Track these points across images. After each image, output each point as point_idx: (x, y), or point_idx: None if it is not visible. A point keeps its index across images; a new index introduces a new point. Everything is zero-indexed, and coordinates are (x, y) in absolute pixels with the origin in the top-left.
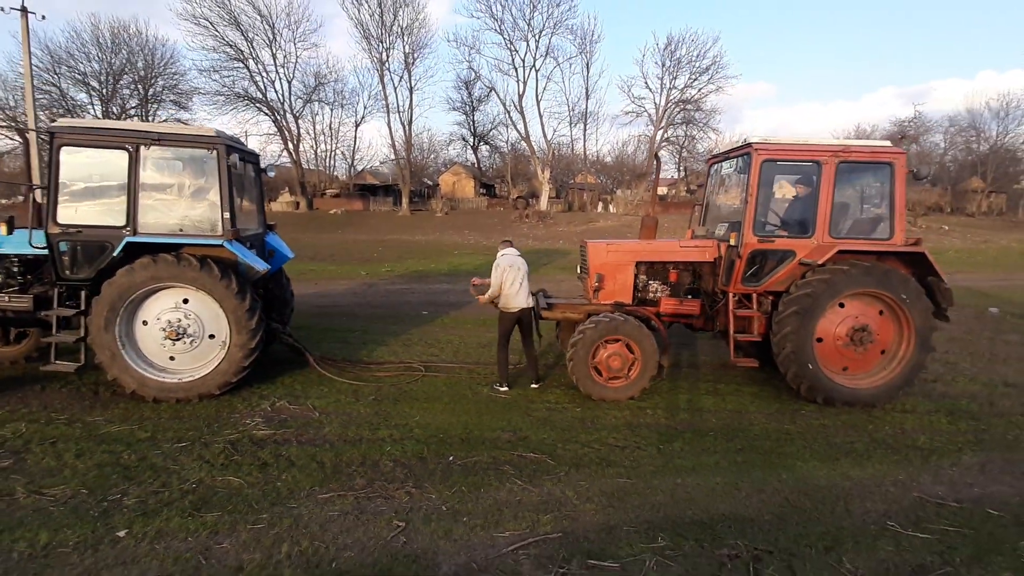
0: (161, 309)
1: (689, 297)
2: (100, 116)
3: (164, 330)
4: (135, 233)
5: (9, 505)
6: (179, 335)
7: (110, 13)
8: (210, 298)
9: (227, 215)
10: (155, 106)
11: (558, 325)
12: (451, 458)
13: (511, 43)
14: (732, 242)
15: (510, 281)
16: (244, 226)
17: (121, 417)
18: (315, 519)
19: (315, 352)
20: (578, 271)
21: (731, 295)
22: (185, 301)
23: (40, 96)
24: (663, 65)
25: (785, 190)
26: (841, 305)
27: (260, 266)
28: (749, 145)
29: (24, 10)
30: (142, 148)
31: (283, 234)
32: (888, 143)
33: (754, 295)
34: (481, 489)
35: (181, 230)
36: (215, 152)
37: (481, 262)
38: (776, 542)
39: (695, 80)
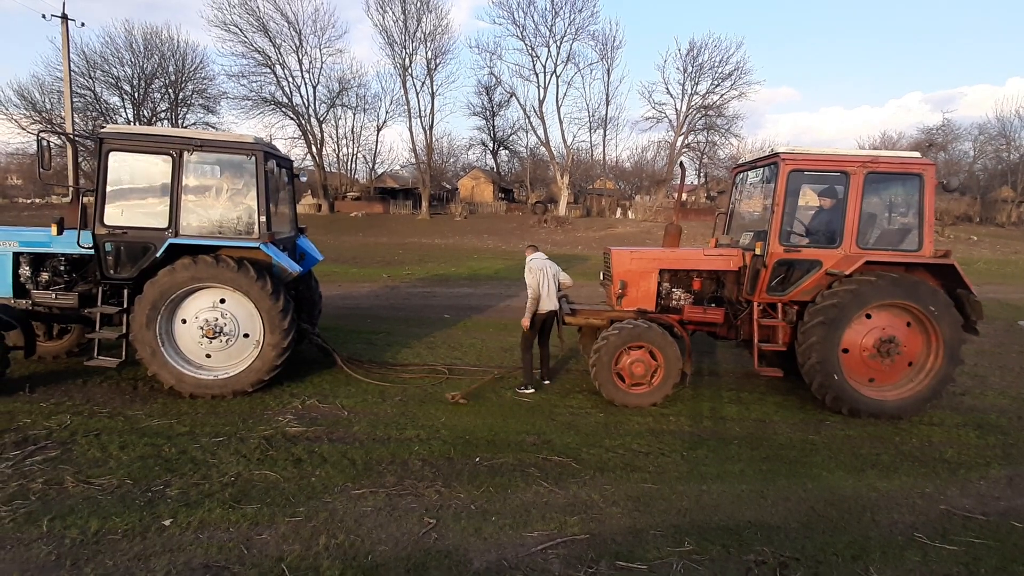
0: (199, 308)
1: (713, 305)
2: (131, 119)
3: (202, 328)
4: (177, 235)
5: (59, 493)
6: (216, 333)
7: (143, 19)
8: (246, 298)
9: (263, 219)
10: (184, 110)
11: (580, 330)
12: (477, 459)
13: (532, 49)
14: (758, 251)
15: (544, 284)
16: (278, 229)
17: (160, 412)
18: (350, 514)
19: (343, 353)
20: (601, 277)
21: (756, 304)
22: (222, 301)
23: (75, 100)
24: (685, 71)
25: (812, 200)
26: (868, 316)
27: (293, 268)
28: (776, 155)
29: (64, 17)
30: (185, 154)
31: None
32: (917, 154)
33: (779, 305)
34: (508, 490)
35: (220, 232)
36: (253, 158)
37: (501, 266)
38: (803, 550)
39: (717, 86)
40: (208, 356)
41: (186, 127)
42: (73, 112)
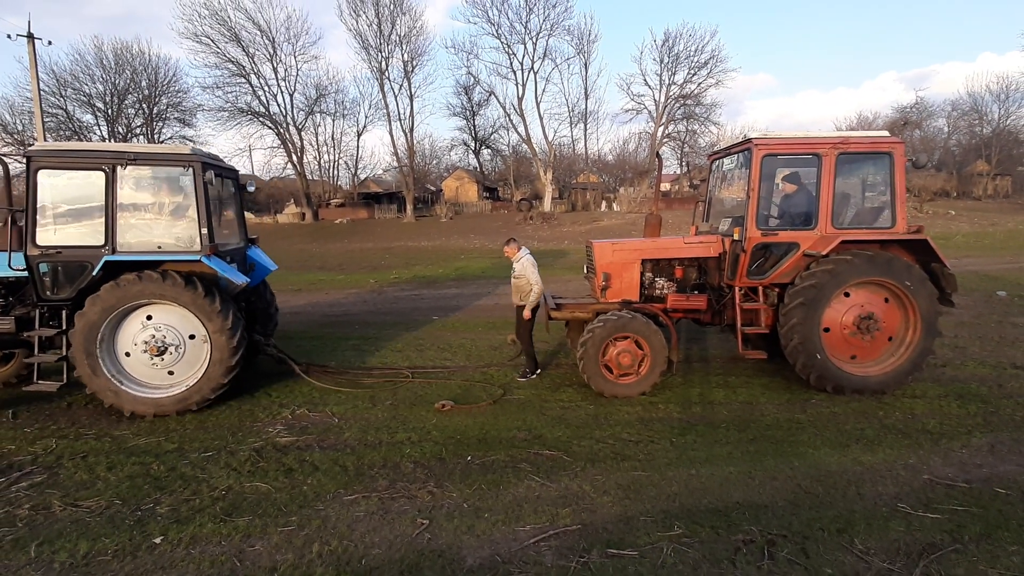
0: (134, 332)
1: (696, 292)
2: (106, 136)
3: (146, 344)
4: (114, 252)
5: (47, 518)
6: (161, 350)
7: (113, 34)
8: (191, 313)
9: (205, 231)
10: (160, 124)
11: (567, 325)
12: (469, 458)
13: (509, 47)
14: (736, 237)
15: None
16: (224, 241)
17: (148, 430)
18: (342, 520)
19: (302, 360)
20: (585, 271)
21: (737, 289)
22: (149, 318)
23: (47, 119)
24: (661, 61)
25: (788, 183)
26: (847, 294)
27: (239, 280)
28: (749, 141)
29: (31, 36)
30: (118, 168)
31: (290, 245)
32: (886, 133)
33: (760, 288)
34: (500, 486)
35: (160, 247)
36: (191, 169)
37: (487, 265)
38: (790, 526)
39: (694, 75)
40: (153, 374)
41: (162, 141)
42: (45, 132)
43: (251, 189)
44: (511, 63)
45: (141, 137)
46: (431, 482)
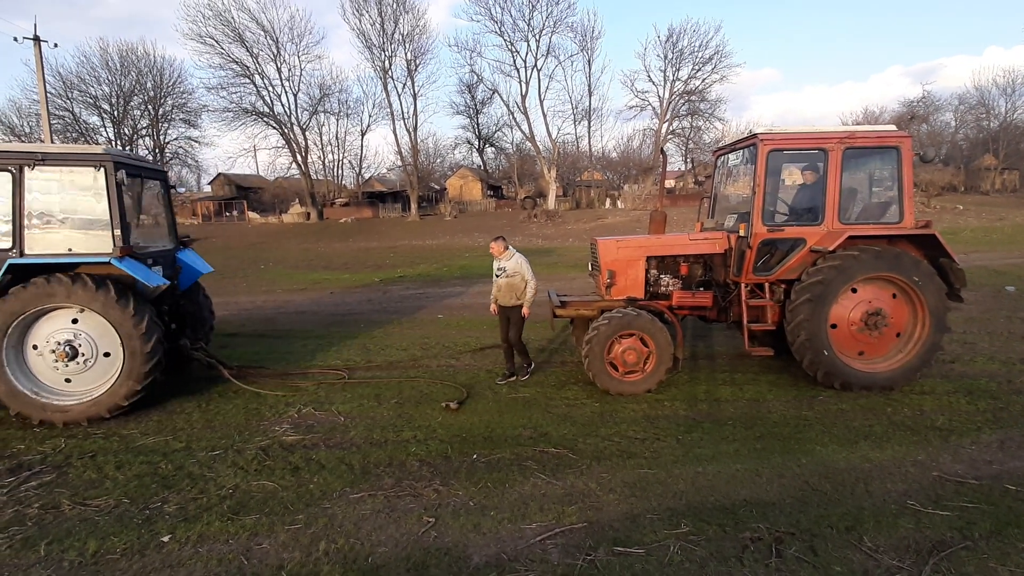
0: (51, 332)
1: (701, 289)
2: (112, 138)
3: (54, 352)
4: (21, 255)
5: (56, 517)
6: (70, 356)
7: (118, 36)
8: (104, 319)
9: (117, 232)
10: (165, 125)
11: (572, 322)
12: (475, 456)
13: (512, 44)
14: (742, 232)
15: None
16: (148, 243)
17: (156, 429)
18: (349, 518)
19: (233, 364)
20: (589, 268)
21: (743, 285)
22: (74, 321)
23: (54, 121)
24: (665, 57)
25: (793, 178)
26: (854, 290)
27: (154, 283)
28: (755, 136)
29: (37, 39)
30: (26, 169)
31: (295, 245)
32: (893, 127)
33: (766, 284)
34: (506, 484)
35: (70, 250)
36: (103, 169)
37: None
38: (798, 524)
39: (698, 71)
40: (68, 380)
41: (167, 143)
42: (52, 134)
43: (181, 191)
44: (514, 61)
45: (147, 138)
46: (437, 480)
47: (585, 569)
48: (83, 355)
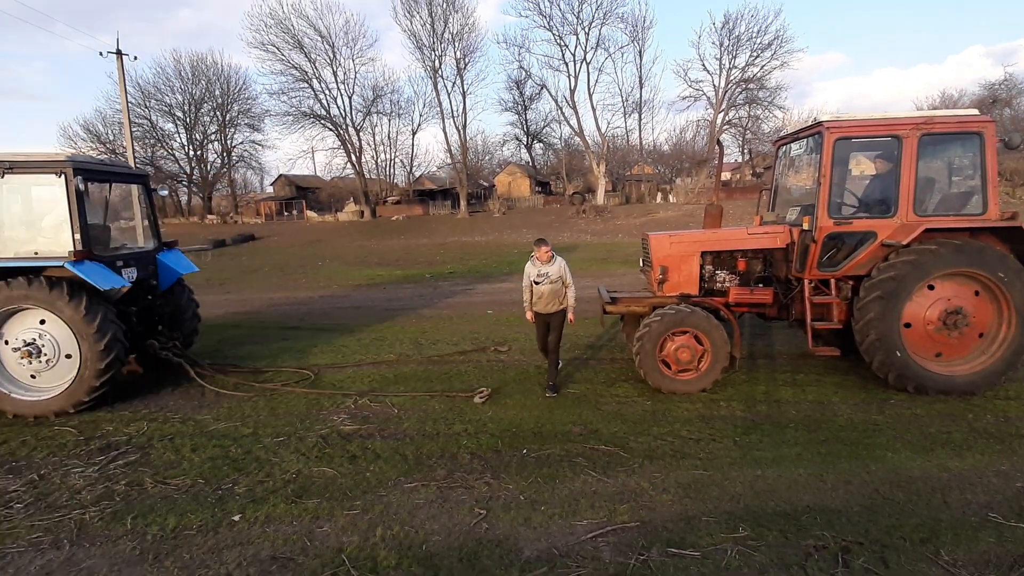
0: (21, 330)
1: (760, 286)
2: (184, 143)
3: (18, 350)
4: None
5: (140, 494)
6: (33, 355)
7: (189, 47)
8: (59, 319)
9: (77, 236)
10: (232, 130)
11: (623, 319)
12: (525, 451)
13: (561, 38)
14: (806, 226)
15: None
16: (126, 244)
17: (226, 416)
18: (403, 506)
19: (205, 361)
20: (640, 264)
21: (807, 282)
22: (42, 322)
23: (134, 129)
24: (721, 45)
25: (861, 168)
26: (931, 287)
27: (107, 285)
28: (820, 124)
29: (119, 53)
30: None
31: (350, 242)
32: (975, 111)
33: (832, 280)
34: (556, 480)
35: (36, 253)
36: (63, 175)
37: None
38: (866, 533)
39: (757, 57)
40: (33, 377)
41: (234, 146)
42: (132, 140)
43: (163, 193)
44: (563, 55)
45: (216, 143)
46: (488, 473)
47: (637, 569)
48: (45, 354)
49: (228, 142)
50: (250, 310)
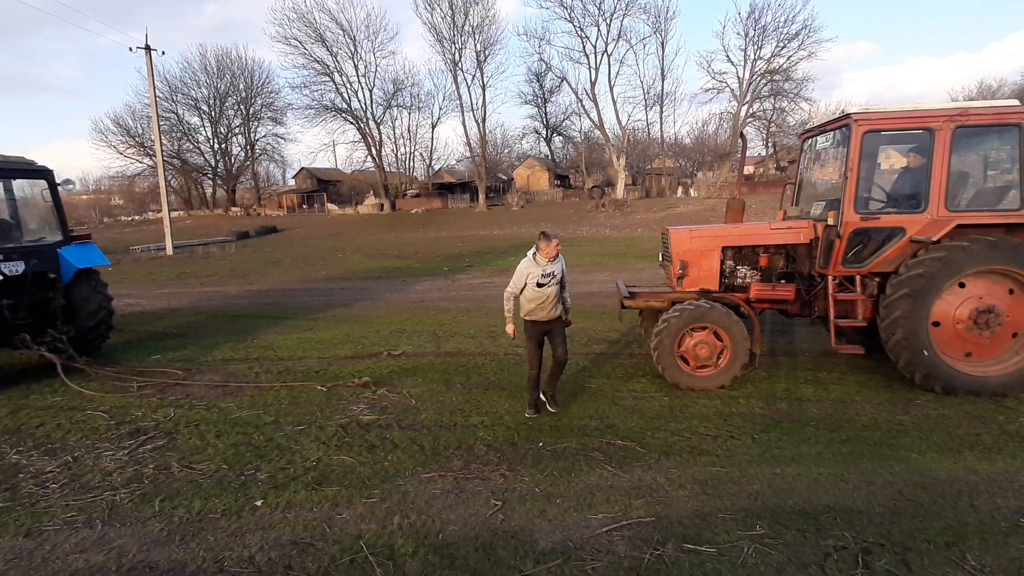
0: None
1: (783, 282)
2: (210, 136)
3: None
4: None
5: (167, 477)
6: None
7: (215, 42)
8: None
9: None
10: (255, 124)
11: (641, 314)
12: (541, 444)
13: (582, 30)
14: (831, 221)
15: None
16: (16, 237)
17: (249, 404)
18: (420, 496)
19: (82, 358)
20: (660, 259)
21: (831, 278)
22: None
23: (162, 123)
24: (746, 35)
25: (891, 162)
26: (961, 285)
27: None
28: (848, 116)
29: (148, 48)
30: None
31: (370, 235)
32: (1016, 102)
33: (857, 277)
34: (572, 473)
35: None
36: None
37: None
38: (888, 535)
39: (783, 48)
40: None
41: (257, 140)
42: (160, 134)
43: (68, 188)
44: (584, 47)
45: (240, 136)
46: (504, 465)
47: (652, 564)
48: None
49: (252, 135)
50: (274, 302)
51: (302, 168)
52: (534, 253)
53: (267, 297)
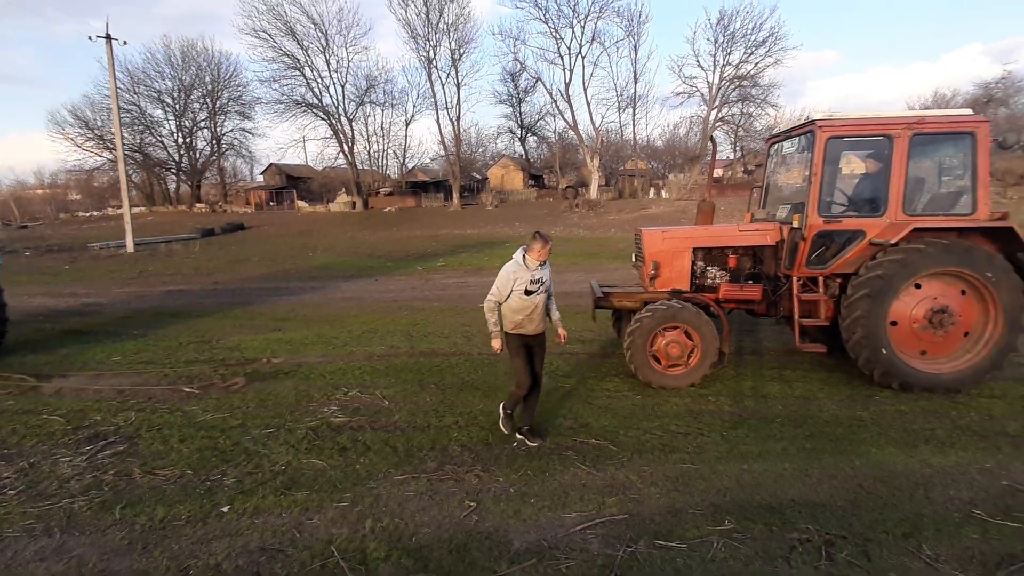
0: None
1: (750, 282)
2: (174, 130)
3: None
4: None
5: (128, 484)
6: None
7: (180, 33)
8: None
9: None
10: (222, 117)
11: (614, 314)
12: (515, 444)
13: (556, 31)
14: (796, 224)
15: None
16: None
17: (215, 407)
18: (393, 498)
19: None
20: (633, 259)
21: (795, 279)
22: None
23: (123, 115)
24: (716, 41)
25: (852, 167)
26: (917, 286)
27: None
28: (812, 122)
29: (108, 37)
30: None
31: (341, 233)
32: (969, 111)
33: (820, 278)
34: (546, 473)
35: None
36: None
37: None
38: (850, 527)
39: (751, 54)
40: None
41: (223, 134)
42: (121, 127)
43: None
44: (558, 48)
45: (205, 130)
46: (478, 466)
47: (625, 560)
48: None
49: (218, 130)
50: (240, 301)
51: (271, 164)
52: (523, 256)
53: (233, 297)
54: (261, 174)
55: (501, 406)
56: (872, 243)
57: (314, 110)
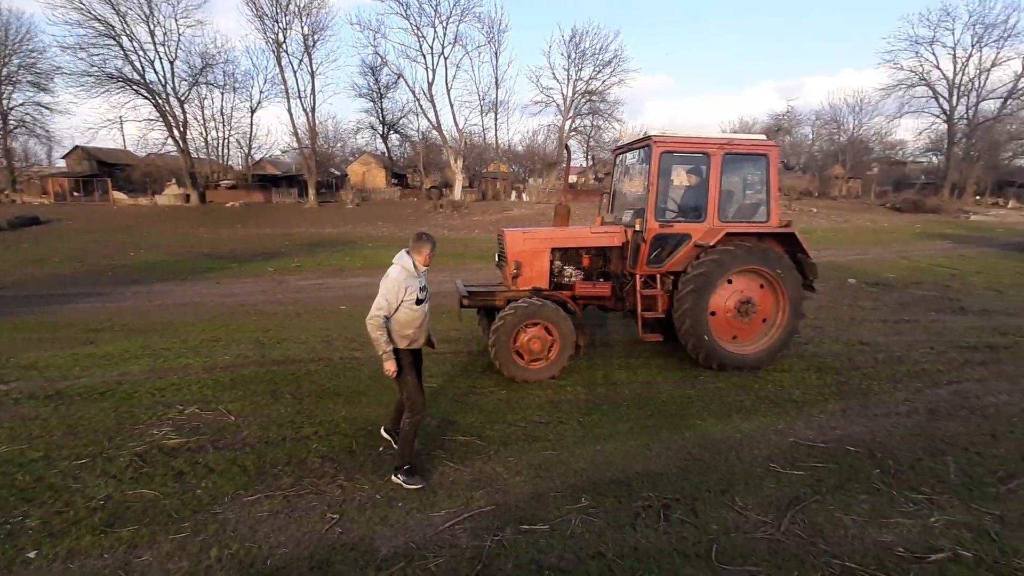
0: None
1: (601, 280)
2: None
3: None
4: None
5: None
6: None
7: None
8: None
9: None
10: (10, 88)
11: (479, 312)
12: (381, 448)
13: (418, 29)
14: (637, 227)
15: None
16: None
17: (8, 438)
18: (243, 522)
19: None
20: (496, 259)
21: (638, 277)
22: None
23: None
24: (568, 57)
25: (681, 179)
26: (729, 281)
27: None
28: (649, 138)
29: None
30: None
31: (173, 229)
32: (764, 136)
33: (658, 276)
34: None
35: None
36: None
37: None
38: (682, 490)
39: (599, 72)
40: None
41: (11, 108)
42: None
43: None
44: (420, 46)
45: None
46: (341, 476)
47: (492, 549)
48: None
49: (4, 103)
50: (37, 309)
51: (77, 147)
52: (412, 263)
53: (27, 304)
54: (63, 158)
55: (390, 435)
56: (696, 245)
57: (134, 87)
